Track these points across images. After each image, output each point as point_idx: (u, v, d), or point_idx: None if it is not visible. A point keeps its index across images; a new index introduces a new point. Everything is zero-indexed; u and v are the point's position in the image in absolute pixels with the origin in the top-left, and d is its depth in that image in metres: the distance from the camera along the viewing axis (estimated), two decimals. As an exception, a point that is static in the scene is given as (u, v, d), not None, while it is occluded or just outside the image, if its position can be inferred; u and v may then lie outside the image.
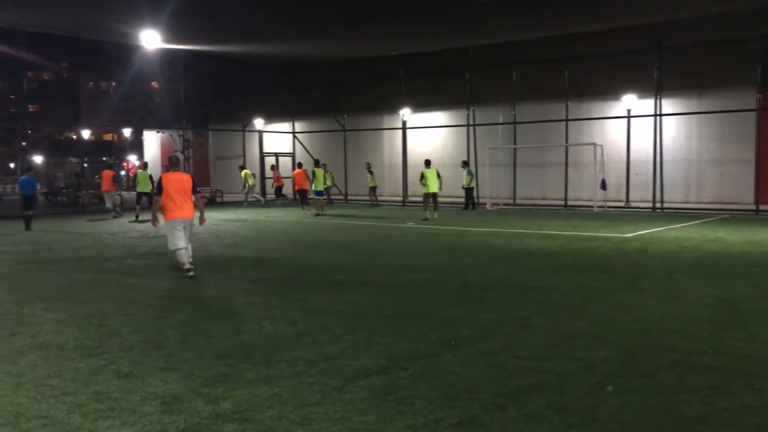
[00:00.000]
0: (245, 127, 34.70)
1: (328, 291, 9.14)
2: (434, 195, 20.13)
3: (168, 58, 29.12)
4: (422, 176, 20.09)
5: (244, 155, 34.19)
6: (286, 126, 34.91)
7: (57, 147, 70.47)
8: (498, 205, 26.09)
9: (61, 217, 23.76)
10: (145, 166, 24.34)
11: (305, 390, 5.05)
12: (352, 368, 5.56)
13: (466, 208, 25.03)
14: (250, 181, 29.43)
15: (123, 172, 47.97)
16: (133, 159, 50.18)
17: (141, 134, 46.62)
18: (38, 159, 53.76)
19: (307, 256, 12.84)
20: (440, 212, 20.81)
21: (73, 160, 55.58)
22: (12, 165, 60.84)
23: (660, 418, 4.49)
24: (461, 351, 6.10)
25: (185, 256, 10.07)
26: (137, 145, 49.72)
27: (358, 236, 16.44)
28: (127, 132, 57.27)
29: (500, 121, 27.83)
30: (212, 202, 31.28)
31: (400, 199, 29.83)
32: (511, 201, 27.28)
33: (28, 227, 18.55)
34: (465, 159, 26.73)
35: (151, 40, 23.31)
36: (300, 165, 26.04)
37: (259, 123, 33.75)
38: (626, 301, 8.29)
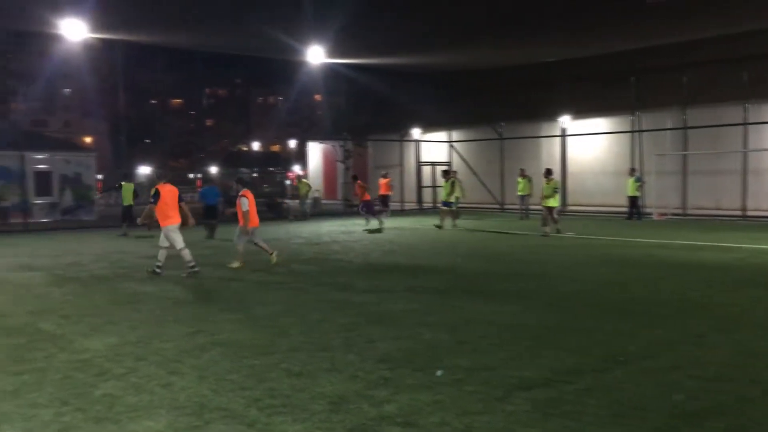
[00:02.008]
0: (403, 137, 35.36)
1: (485, 300, 9.09)
2: (552, 209, 19.16)
3: (330, 72, 30.40)
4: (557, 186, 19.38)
5: (401, 165, 34.83)
6: (442, 135, 35.14)
7: (230, 158, 75.88)
8: (665, 215, 24.60)
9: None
10: (124, 177, 24.53)
11: (467, 398, 5.06)
12: (514, 379, 5.49)
13: (630, 217, 23.86)
14: (308, 191, 29.09)
15: (288, 182, 50.57)
16: (297, 169, 52.95)
17: (305, 145, 48.96)
18: (213, 170, 58.11)
19: (463, 265, 12.85)
20: (598, 223, 19.98)
21: (245, 170, 59.50)
22: (191, 176, 66.10)
23: None
24: (629, 367, 5.82)
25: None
26: (301, 156, 52.41)
27: (515, 246, 16.20)
28: (292, 143, 60.47)
29: (668, 126, 26.22)
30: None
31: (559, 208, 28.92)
32: (681, 211, 25.59)
33: (211, 235, 19.31)
34: (632, 166, 25.50)
35: (316, 55, 24.52)
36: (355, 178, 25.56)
37: (416, 132, 34.25)
38: (819, 321, 7.52)
